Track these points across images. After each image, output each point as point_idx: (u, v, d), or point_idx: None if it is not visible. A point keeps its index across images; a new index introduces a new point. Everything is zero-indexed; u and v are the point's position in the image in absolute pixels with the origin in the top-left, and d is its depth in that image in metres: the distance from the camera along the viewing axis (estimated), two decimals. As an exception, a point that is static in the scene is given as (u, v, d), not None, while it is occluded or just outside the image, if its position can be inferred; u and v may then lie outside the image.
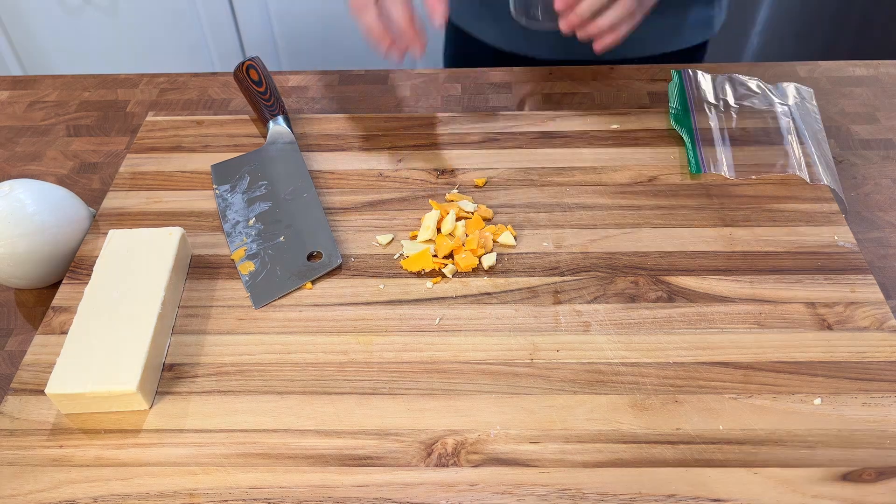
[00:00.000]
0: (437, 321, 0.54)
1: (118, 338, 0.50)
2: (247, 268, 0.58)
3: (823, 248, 0.58)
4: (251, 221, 0.62)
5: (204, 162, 0.68)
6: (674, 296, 0.55)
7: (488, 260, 0.57)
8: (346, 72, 0.82)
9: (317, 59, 1.54)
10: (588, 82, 0.80)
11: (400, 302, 0.55)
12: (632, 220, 0.61)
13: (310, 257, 0.58)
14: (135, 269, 0.55)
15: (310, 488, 0.45)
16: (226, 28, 1.47)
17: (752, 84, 0.71)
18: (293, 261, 0.58)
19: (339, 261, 0.58)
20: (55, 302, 0.56)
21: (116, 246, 0.56)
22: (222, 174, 0.67)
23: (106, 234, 0.60)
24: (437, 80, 0.81)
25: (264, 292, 0.56)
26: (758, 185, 0.63)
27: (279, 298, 0.56)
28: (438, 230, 0.60)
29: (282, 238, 0.60)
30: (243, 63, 0.73)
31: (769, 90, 0.71)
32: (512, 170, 0.66)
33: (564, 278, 0.57)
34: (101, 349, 0.49)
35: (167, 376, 0.51)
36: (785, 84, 0.72)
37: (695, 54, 0.89)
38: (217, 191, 0.65)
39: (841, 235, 0.59)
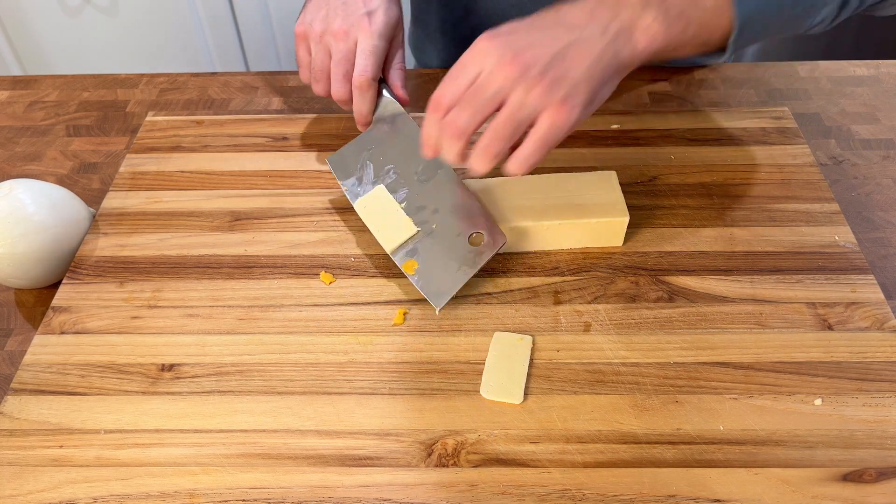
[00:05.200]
0: (436, 321, 0.54)
1: None
2: (412, 266, 0.55)
3: (824, 248, 0.58)
4: None
5: (204, 162, 0.68)
6: (674, 296, 0.55)
7: None
8: (346, 72, 0.82)
9: (317, 60, 1.54)
10: (588, 82, 0.80)
11: (399, 302, 0.55)
12: (633, 220, 0.61)
13: (470, 239, 0.55)
14: None
15: (310, 488, 0.45)
16: (226, 28, 1.47)
17: None
18: (456, 248, 0.55)
19: (504, 240, 0.54)
20: (55, 302, 0.56)
21: None
22: (342, 166, 0.61)
23: (106, 234, 0.60)
24: (437, 79, 0.81)
25: (440, 290, 0.54)
26: (758, 184, 0.63)
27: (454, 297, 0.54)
28: None
29: (434, 226, 0.56)
30: None
31: None
32: (512, 170, 0.65)
33: (565, 278, 0.56)
34: None
35: (167, 376, 0.51)
36: None
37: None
38: (345, 186, 0.60)
39: (841, 235, 0.59)
